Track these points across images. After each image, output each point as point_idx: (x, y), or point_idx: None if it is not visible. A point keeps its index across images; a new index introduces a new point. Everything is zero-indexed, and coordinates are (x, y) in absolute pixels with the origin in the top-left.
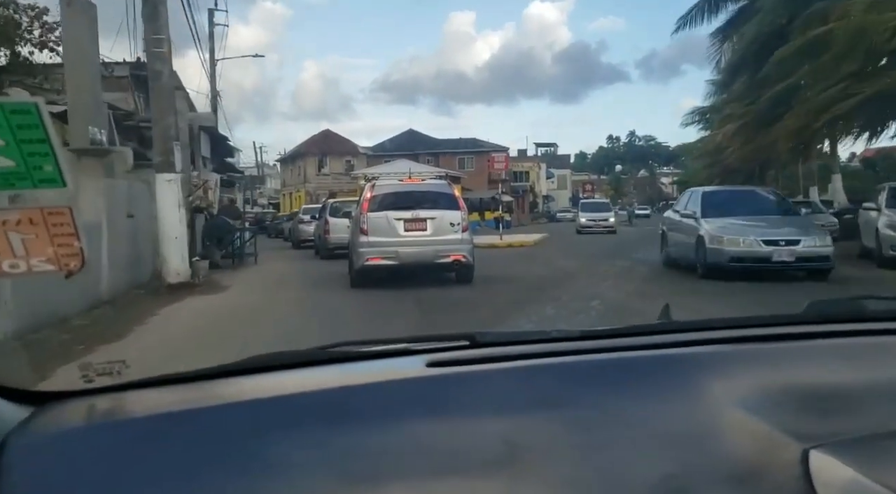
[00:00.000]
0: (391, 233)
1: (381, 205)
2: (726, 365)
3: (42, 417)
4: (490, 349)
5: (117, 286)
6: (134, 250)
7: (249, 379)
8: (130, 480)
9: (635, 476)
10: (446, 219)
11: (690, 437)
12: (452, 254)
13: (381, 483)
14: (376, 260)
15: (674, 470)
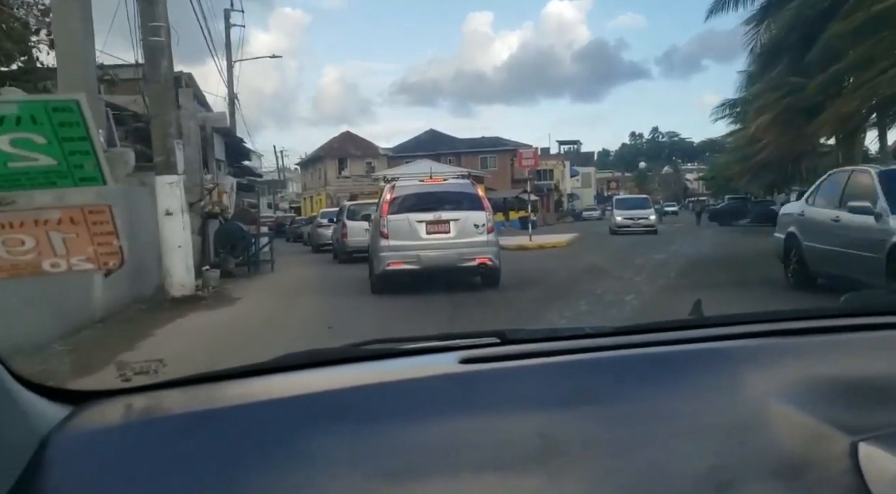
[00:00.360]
0: (413, 237)
1: (401, 207)
2: (768, 359)
3: (81, 415)
4: (522, 346)
5: (115, 302)
6: (134, 261)
7: (285, 377)
8: (168, 475)
9: (678, 469)
10: (470, 221)
11: (733, 431)
12: (478, 257)
13: (415, 478)
14: (398, 264)
15: (718, 463)
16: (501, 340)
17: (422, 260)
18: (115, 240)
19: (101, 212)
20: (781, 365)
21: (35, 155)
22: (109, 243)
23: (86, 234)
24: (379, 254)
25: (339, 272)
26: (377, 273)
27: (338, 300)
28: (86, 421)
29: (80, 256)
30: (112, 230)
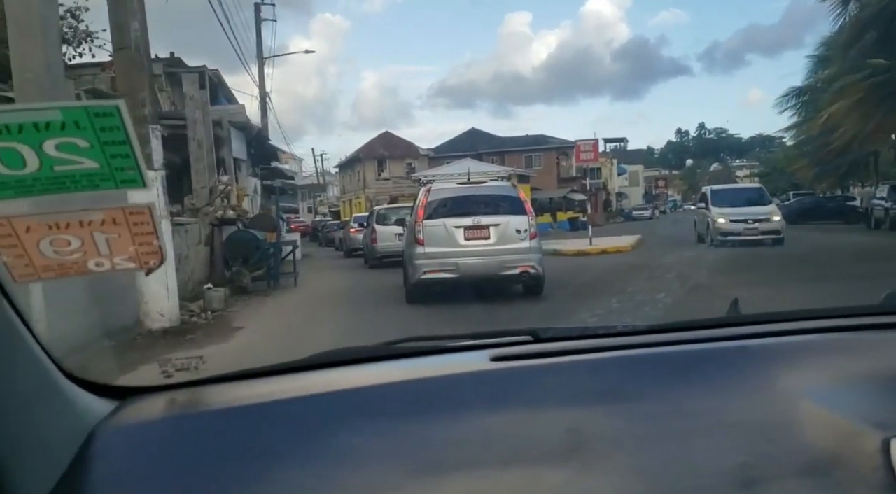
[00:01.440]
0: (450, 243)
1: (437, 212)
2: (799, 357)
3: (126, 410)
4: (553, 343)
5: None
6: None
7: (320, 374)
8: (208, 468)
9: (707, 464)
10: (512, 226)
11: (764, 427)
12: (520, 265)
13: (449, 471)
14: (434, 273)
15: (747, 460)
16: (534, 338)
17: (460, 268)
18: (155, 240)
19: (142, 213)
20: (813, 362)
21: (79, 158)
22: (150, 243)
23: (127, 234)
24: (414, 262)
25: (369, 279)
26: (412, 281)
27: (366, 317)
28: (130, 416)
29: (123, 256)
30: (152, 230)
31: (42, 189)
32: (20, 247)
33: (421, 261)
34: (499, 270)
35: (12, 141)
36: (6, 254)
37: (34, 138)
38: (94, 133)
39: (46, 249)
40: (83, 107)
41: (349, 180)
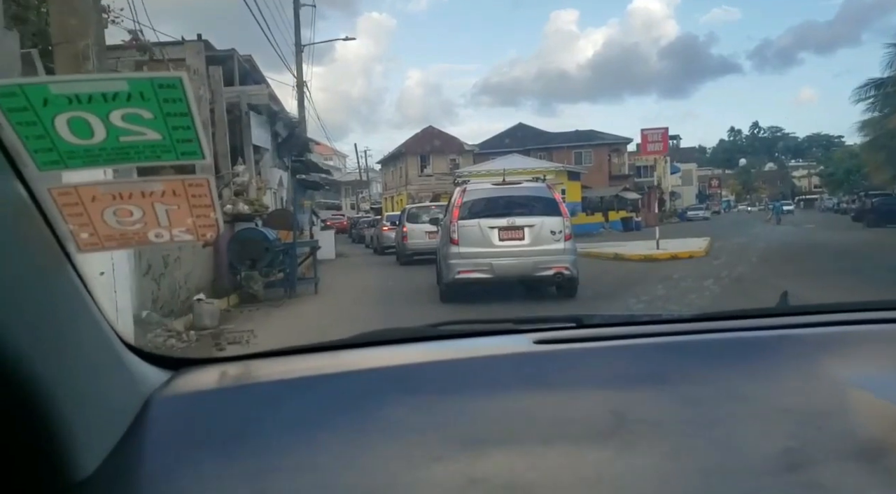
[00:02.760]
0: (484, 243)
1: (472, 212)
2: (848, 346)
3: (180, 380)
4: (597, 329)
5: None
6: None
7: (365, 352)
8: (257, 437)
9: (752, 448)
10: (546, 227)
11: (812, 414)
12: (554, 266)
13: (490, 446)
14: (468, 272)
15: (792, 445)
16: (577, 324)
17: (494, 268)
18: (213, 213)
19: (201, 186)
20: (862, 351)
21: (143, 129)
22: (207, 215)
23: (186, 206)
24: (449, 262)
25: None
26: (446, 281)
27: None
28: (184, 385)
29: (181, 228)
30: (210, 203)
31: (107, 159)
32: (85, 216)
33: (455, 261)
34: (533, 271)
35: (82, 110)
36: (72, 223)
37: (102, 108)
38: (157, 104)
39: (110, 219)
40: (149, 78)
41: (391, 176)
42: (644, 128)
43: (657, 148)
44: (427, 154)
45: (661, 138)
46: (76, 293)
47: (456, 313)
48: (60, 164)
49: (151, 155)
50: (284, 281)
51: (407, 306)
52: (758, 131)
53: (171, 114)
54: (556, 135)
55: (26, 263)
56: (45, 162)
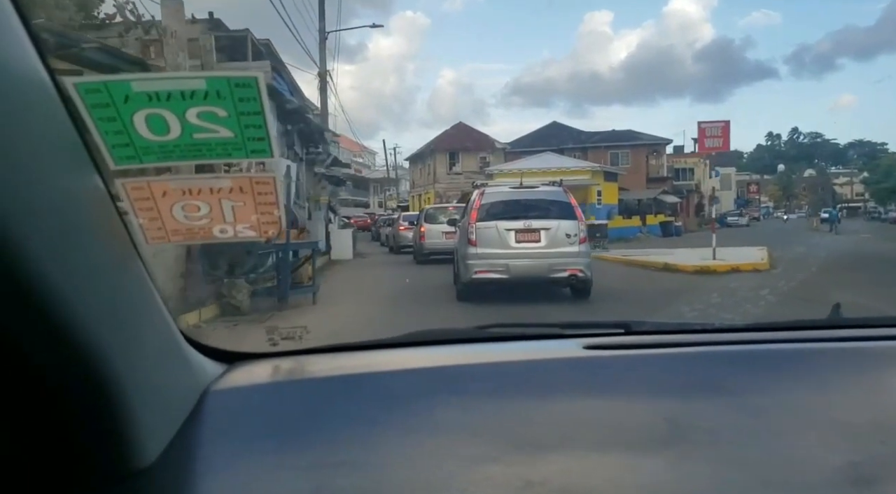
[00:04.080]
0: (501, 245)
1: (490, 214)
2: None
3: (235, 373)
4: (647, 336)
5: None
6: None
7: (415, 351)
8: (308, 431)
9: (814, 461)
10: (562, 230)
11: (876, 428)
12: (569, 268)
13: (545, 450)
14: (485, 273)
15: (856, 460)
16: (626, 330)
17: (510, 269)
18: (276, 210)
19: (267, 183)
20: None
21: (216, 127)
22: (271, 212)
23: (251, 203)
24: (466, 262)
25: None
26: (464, 281)
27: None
28: (239, 379)
29: (245, 224)
30: (274, 201)
31: (181, 156)
32: (155, 211)
33: (473, 261)
34: (548, 273)
35: (160, 107)
36: (142, 217)
37: (179, 106)
38: (232, 103)
39: (178, 213)
40: (225, 77)
41: (419, 174)
42: (701, 120)
43: (716, 143)
44: (456, 151)
45: (720, 133)
46: (144, 285)
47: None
48: (136, 160)
49: (222, 152)
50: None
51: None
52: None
53: (244, 113)
54: (592, 135)
55: (102, 254)
56: (121, 157)
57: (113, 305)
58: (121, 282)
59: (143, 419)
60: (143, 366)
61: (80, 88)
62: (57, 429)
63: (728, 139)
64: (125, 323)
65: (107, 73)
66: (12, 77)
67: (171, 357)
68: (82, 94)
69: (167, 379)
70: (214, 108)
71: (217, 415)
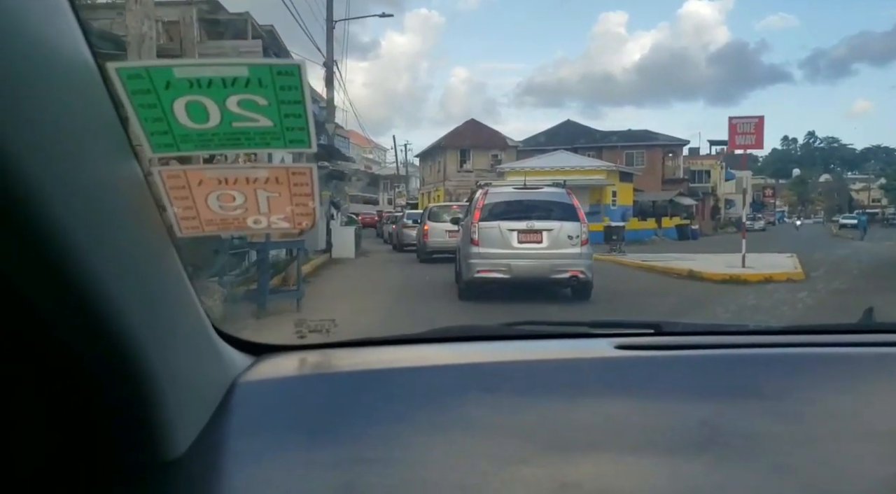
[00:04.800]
0: (503, 245)
1: (492, 214)
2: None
3: (263, 365)
4: (679, 337)
5: None
6: None
7: (442, 347)
8: (335, 424)
9: (857, 470)
10: (564, 231)
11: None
12: (570, 270)
13: (578, 451)
14: (486, 272)
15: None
16: (656, 331)
17: (512, 269)
18: (311, 202)
19: (303, 174)
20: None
21: (256, 116)
22: (306, 204)
23: (287, 194)
24: (469, 261)
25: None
26: (465, 280)
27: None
28: (267, 371)
29: (280, 215)
30: (310, 192)
31: (219, 144)
32: (190, 200)
33: (475, 261)
34: (549, 273)
35: (201, 95)
36: (177, 206)
37: (220, 93)
38: (273, 91)
39: (213, 203)
40: (268, 64)
41: (429, 171)
42: (732, 116)
43: (749, 141)
44: (467, 148)
45: (753, 129)
46: (179, 274)
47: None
48: (174, 148)
49: (261, 141)
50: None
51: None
52: (813, 141)
53: (285, 101)
54: (607, 134)
55: (139, 243)
56: (159, 144)
57: (148, 295)
58: (156, 272)
59: (174, 410)
60: (176, 357)
61: (122, 73)
62: (90, 418)
63: (762, 137)
64: (160, 313)
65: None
66: (61, 62)
67: (202, 348)
68: (124, 80)
69: (198, 371)
70: (255, 97)
71: (245, 408)
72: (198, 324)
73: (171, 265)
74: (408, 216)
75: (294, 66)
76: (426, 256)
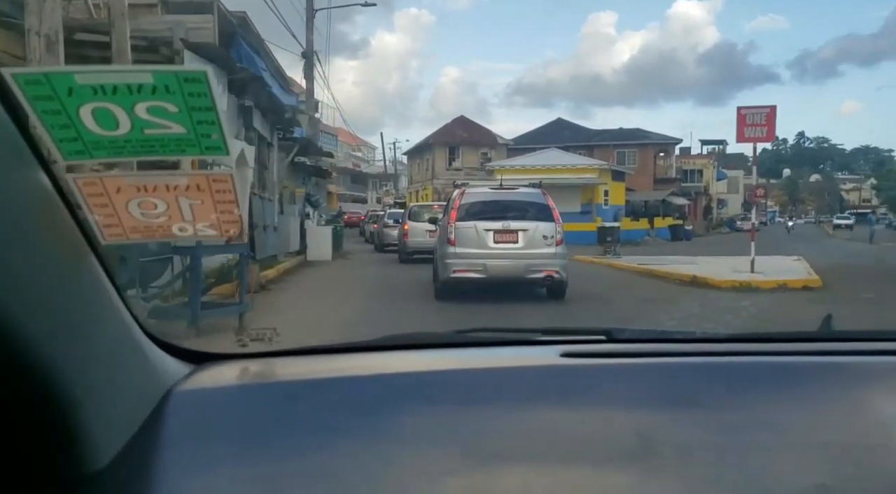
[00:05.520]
0: (480, 245)
1: (469, 214)
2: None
3: (201, 374)
4: (628, 344)
5: None
6: None
7: (389, 355)
8: (273, 435)
9: (784, 483)
10: (539, 232)
11: (851, 449)
12: (545, 269)
13: (509, 462)
14: (463, 272)
15: (827, 482)
16: (607, 338)
17: (488, 269)
18: (236, 209)
19: (224, 181)
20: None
21: (168, 123)
22: (231, 211)
23: (210, 202)
24: (445, 261)
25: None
26: (442, 279)
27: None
28: (205, 380)
29: (205, 223)
30: (233, 199)
31: (132, 151)
32: (111, 207)
33: (451, 260)
34: (525, 273)
35: (106, 101)
36: (97, 213)
37: (127, 100)
38: (182, 98)
39: (135, 210)
40: (173, 71)
41: (418, 169)
42: (741, 106)
43: (759, 133)
44: (457, 146)
45: (765, 120)
46: (99, 283)
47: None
48: (85, 155)
49: (176, 148)
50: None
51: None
52: (803, 141)
53: (195, 108)
54: (598, 133)
55: (49, 252)
56: (69, 152)
57: (61, 305)
58: (72, 282)
59: (94, 421)
60: (95, 367)
61: (19, 79)
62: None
63: (773, 128)
64: (75, 324)
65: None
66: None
67: (129, 357)
68: (22, 86)
69: (124, 380)
70: (164, 103)
71: (178, 417)
72: (124, 334)
73: (90, 273)
74: (389, 215)
75: (201, 73)
76: (407, 256)
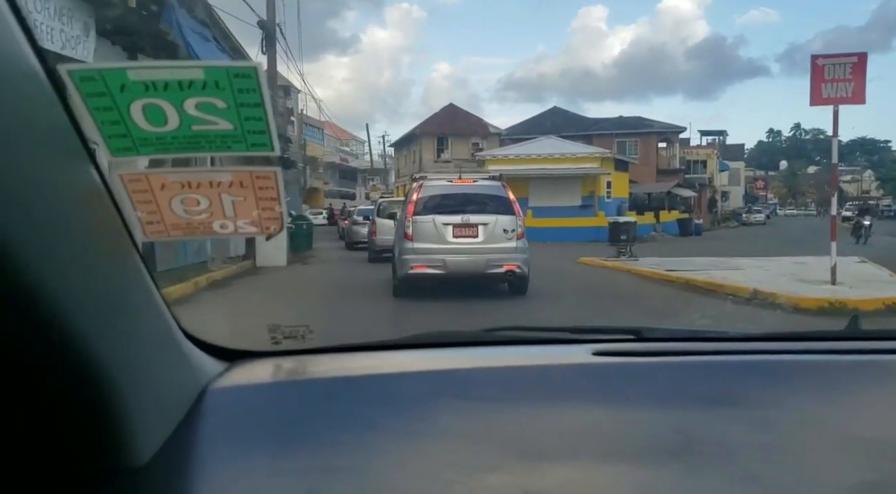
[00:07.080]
0: (438, 240)
1: (427, 208)
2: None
3: (236, 371)
4: (659, 343)
5: None
6: None
7: (420, 353)
8: (308, 432)
9: (830, 479)
10: (500, 225)
11: (889, 445)
12: (506, 264)
13: (546, 459)
14: (421, 268)
15: (871, 479)
16: (636, 337)
17: (447, 264)
18: (278, 206)
19: (268, 178)
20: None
21: (215, 119)
22: (272, 208)
23: (252, 198)
24: (402, 257)
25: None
26: (399, 276)
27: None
28: (240, 377)
29: (246, 219)
30: (276, 196)
31: (179, 148)
32: (154, 204)
33: (409, 256)
34: (485, 268)
35: (157, 97)
36: (140, 210)
37: (177, 96)
38: (231, 94)
39: (177, 207)
40: (224, 67)
41: (405, 161)
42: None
43: (842, 92)
44: (446, 136)
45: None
46: (141, 280)
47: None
48: (133, 151)
49: (222, 145)
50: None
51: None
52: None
53: (244, 104)
54: (597, 121)
55: (96, 248)
56: (118, 148)
57: (107, 301)
58: (116, 278)
59: (137, 417)
60: (137, 363)
61: (74, 76)
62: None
63: (863, 86)
64: (119, 320)
65: None
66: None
67: (168, 354)
68: (77, 83)
69: (164, 377)
70: (213, 99)
71: (215, 414)
72: (164, 331)
73: (133, 271)
74: (358, 212)
75: (251, 69)
76: (376, 255)
